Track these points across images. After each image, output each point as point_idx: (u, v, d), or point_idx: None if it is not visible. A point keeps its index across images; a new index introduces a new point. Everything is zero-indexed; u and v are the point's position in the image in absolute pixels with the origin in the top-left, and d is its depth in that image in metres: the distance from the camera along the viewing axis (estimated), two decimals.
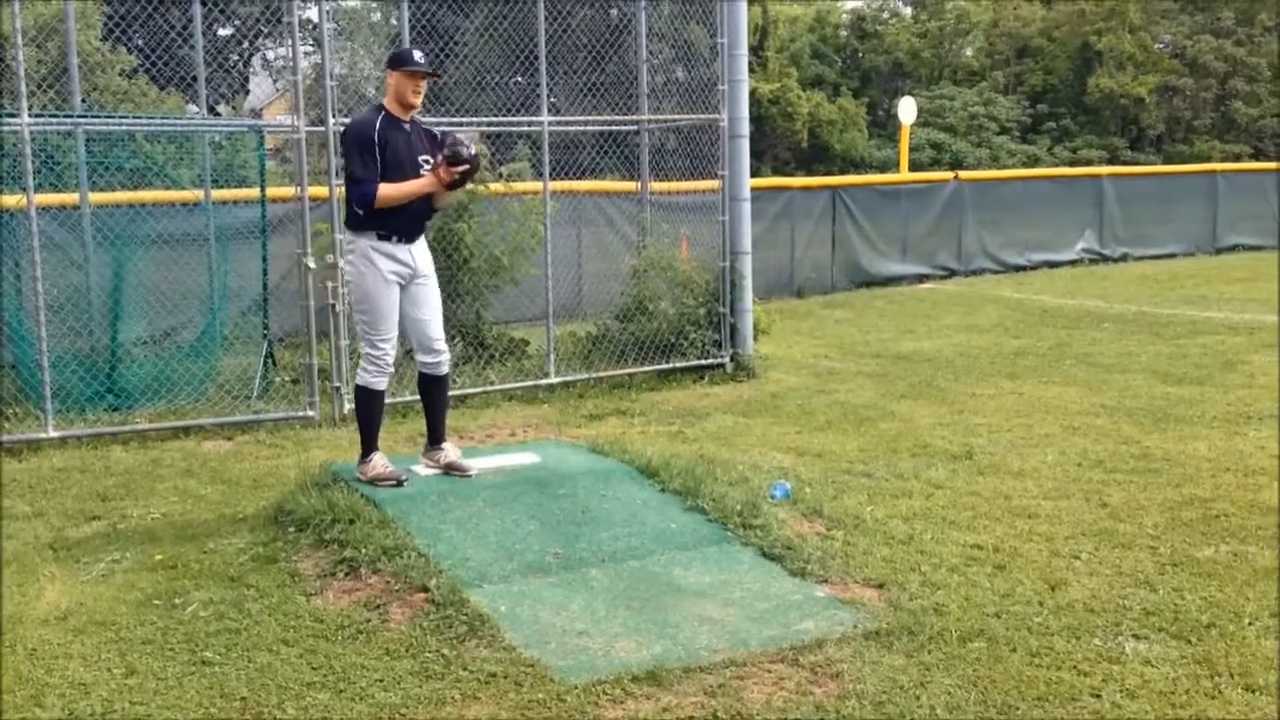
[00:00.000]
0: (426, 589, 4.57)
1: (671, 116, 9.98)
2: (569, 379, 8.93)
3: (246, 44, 23.32)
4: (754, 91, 20.29)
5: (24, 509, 5.99)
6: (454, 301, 8.78)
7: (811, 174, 24.20)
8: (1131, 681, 3.85)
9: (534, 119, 8.85)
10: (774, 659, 4.03)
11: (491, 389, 8.62)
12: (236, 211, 9.37)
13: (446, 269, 8.68)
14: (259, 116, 20.55)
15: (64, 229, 8.61)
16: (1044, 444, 7.04)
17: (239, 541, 5.38)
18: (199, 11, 9.00)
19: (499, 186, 9.32)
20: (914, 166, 24.13)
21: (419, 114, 5.83)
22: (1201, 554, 5.04)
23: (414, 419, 7.49)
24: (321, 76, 7.79)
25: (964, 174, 18.62)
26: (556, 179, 9.28)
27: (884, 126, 33.18)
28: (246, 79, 25.93)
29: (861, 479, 6.30)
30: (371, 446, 5.78)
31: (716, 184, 9.56)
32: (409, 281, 5.69)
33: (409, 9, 8.53)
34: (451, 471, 5.87)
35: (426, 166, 5.64)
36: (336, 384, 7.87)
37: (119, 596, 4.76)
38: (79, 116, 8.55)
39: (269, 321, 9.01)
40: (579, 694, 3.79)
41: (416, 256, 5.72)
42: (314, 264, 7.74)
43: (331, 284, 7.59)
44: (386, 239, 5.60)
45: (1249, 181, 20.67)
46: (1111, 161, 29.40)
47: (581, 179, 10.58)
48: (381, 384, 5.78)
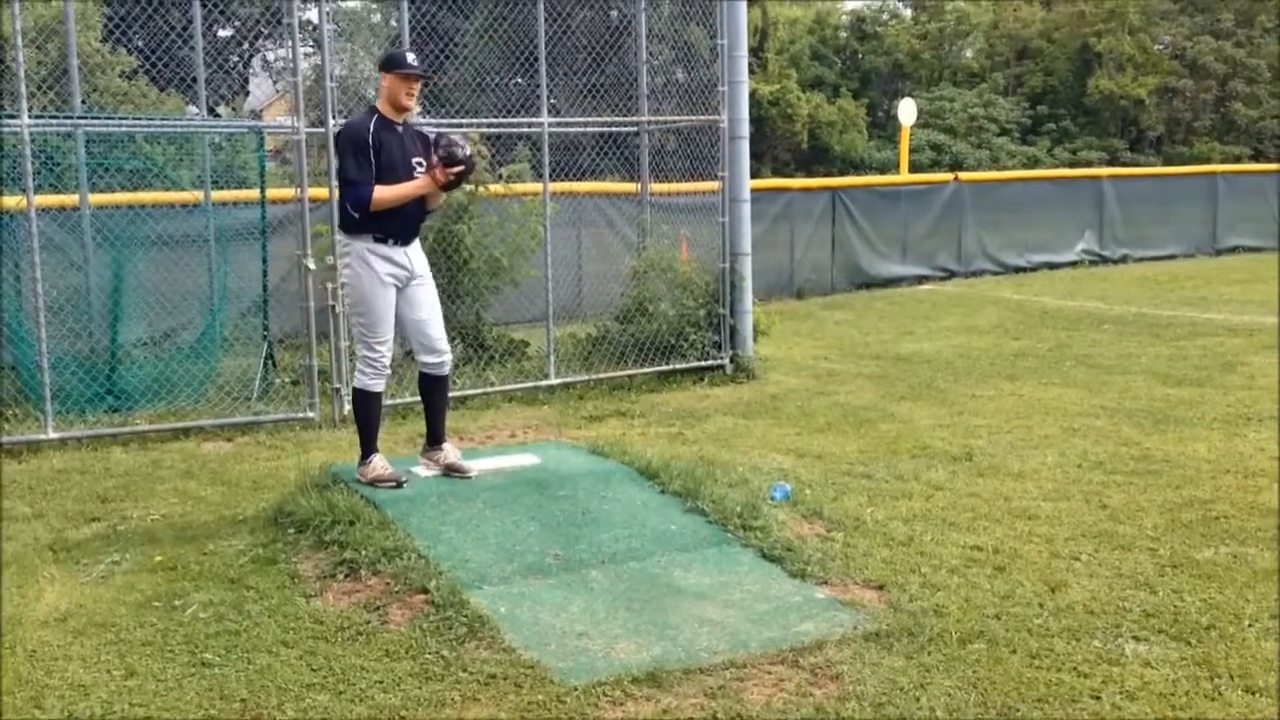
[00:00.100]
0: (426, 590, 4.57)
1: (671, 118, 9.98)
2: (569, 380, 8.93)
3: (246, 45, 23.31)
4: (754, 93, 20.31)
5: (24, 510, 5.99)
6: (454, 303, 8.79)
7: (811, 175, 24.21)
8: (1131, 683, 3.85)
9: (534, 120, 8.85)
10: (774, 660, 4.03)
11: (491, 390, 8.62)
12: (236, 213, 9.37)
13: (446, 270, 8.69)
14: (259, 118, 20.53)
15: (64, 230, 8.61)
16: (1044, 445, 7.04)
17: (239, 543, 5.38)
18: (199, 13, 9.00)
19: (499, 188, 9.31)
20: (914, 168, 24.13)
21: (417, 115, 5.83)
22: (1201, 556, 5.05)
23: (414, 420, 7.49)
24: (321, 78, 7.80)
25: (964, 175, 18.63)
26: (556, 180, 9.28)
27: (884, 128, 33.21)
28: (246, 80, 25.93)
29: (861, 480, 6.30)
30: (371, 448, 5.78)
31: (716, 185, 9.56)
32: (406, 283, 5.69)
33: (409, 10, 8.53)
34: (451, 473, 5.87)
35: (420, 169, 5.65)
36: (336, 385, 7.88)
37: (119, 598, 4.76)
38: (79, 118, 8.55)
39: (269, 323, 9.01)
40: (579, 695, 3.79)
41: (412, 258, 5.72)
42: (314, 265, 7.75)
43: (331, 285, 7.58)
44: (383, 241, 5.60)
45: (1249, 183, 20.69)
46: (1111, 163, 29.43)
47: (581, 180, 10.57)
48: (379, 386, 5.78)
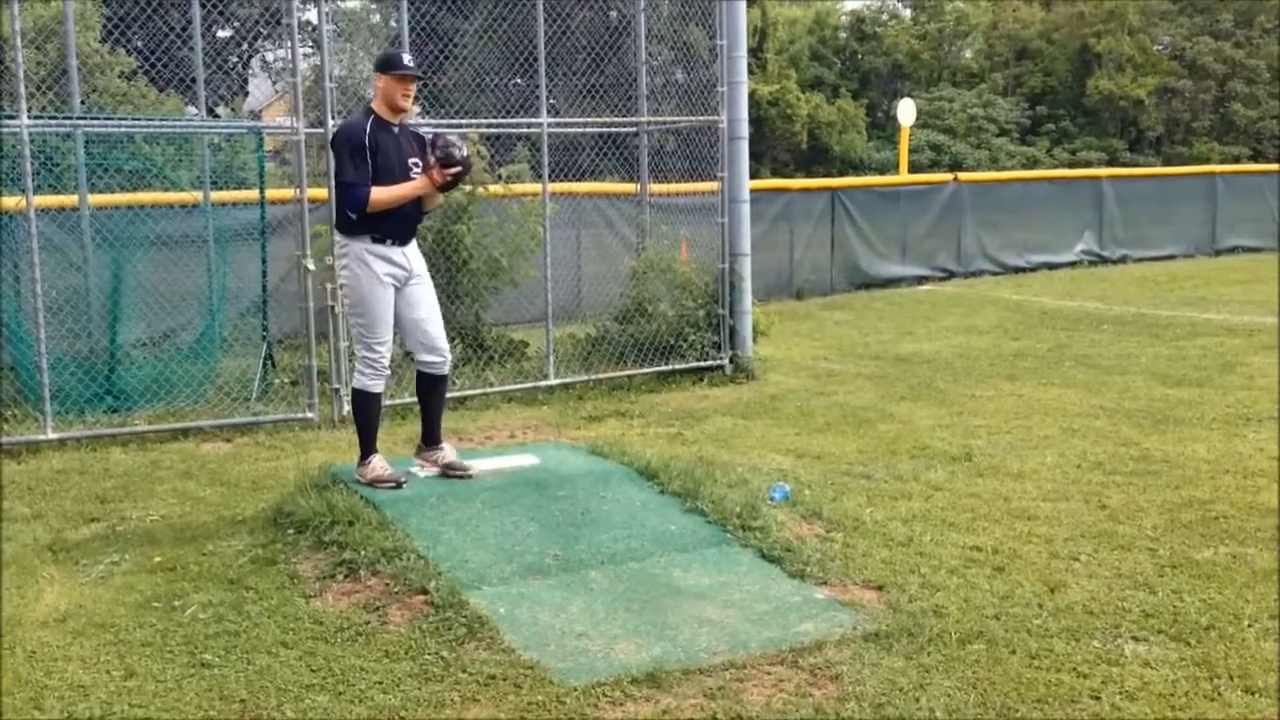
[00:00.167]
0: (426, 591, 4.56)
1: (671, 118, 9.98)
2: (568, 381, 8.93)
3: (246, 46, 23.32)
4: (753, 93, 20.34)
5: (23, 511, 5.99)
6: (453, 303, 8.79)
7: (811, 176, 24.21)
8: (1131, 683, 3.85)
9: (533, 121, 8.85)
10: (773, 661, 4.03)
11: (491, 391, 8.62)
12: (236, 213, 9.37)
13: (446, 270, 8.69)
14: (258, 118, 20.51)
15: (63, 231, 8.60)
16: (1043, 446, 7.04)
17: (238, 543, 5.38)
18: (198, 13, 8.99)
19: (498, 188, 9.31)
20: (913, 168, 24.14)
21: (417, 115, 5.83)
22: (1201, 556, 5.05)
23: (413, 421, 7.47)
24: (321, 78, 7.80)
25: (963, 175, 18.63)
26: (556, 181, 9.28)
27: (883, 128, 33.21)
28: (246, 81, 25.94)
29: (861, 481, 6.30)
30: (370, 448, 5.78)
31: (716, 186, 9.56)
32: (404, 283, 5.70)
33: (408, 11, 8.53)
34: (450, 472, 5.87)
35: (416, 170, 5.65)
36: (335, 386, 7.88)
37: (118, 598, 4.75)
38: (78, 118, 8.54)
39: (268, 323, 9.00)
40: (578, 696, 3.79)
41: (410, 258, 5.73)
42: (313, 266, 7.75)
43: (330, 286, 7.59)
44: (380, 241, 5.60)
45: (1248, 183, 20.69)
46: (1111, 163, 29.43)
47: (581, 181, 10.58)
48: (378, 386, 5.78)
